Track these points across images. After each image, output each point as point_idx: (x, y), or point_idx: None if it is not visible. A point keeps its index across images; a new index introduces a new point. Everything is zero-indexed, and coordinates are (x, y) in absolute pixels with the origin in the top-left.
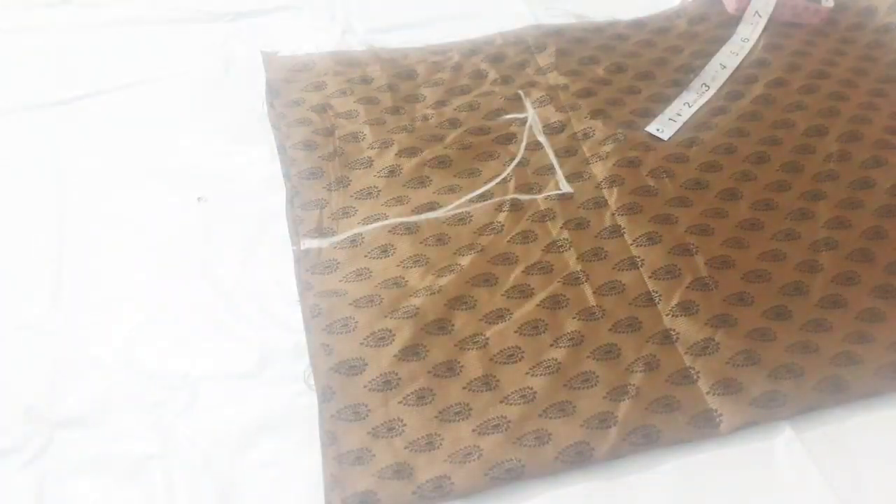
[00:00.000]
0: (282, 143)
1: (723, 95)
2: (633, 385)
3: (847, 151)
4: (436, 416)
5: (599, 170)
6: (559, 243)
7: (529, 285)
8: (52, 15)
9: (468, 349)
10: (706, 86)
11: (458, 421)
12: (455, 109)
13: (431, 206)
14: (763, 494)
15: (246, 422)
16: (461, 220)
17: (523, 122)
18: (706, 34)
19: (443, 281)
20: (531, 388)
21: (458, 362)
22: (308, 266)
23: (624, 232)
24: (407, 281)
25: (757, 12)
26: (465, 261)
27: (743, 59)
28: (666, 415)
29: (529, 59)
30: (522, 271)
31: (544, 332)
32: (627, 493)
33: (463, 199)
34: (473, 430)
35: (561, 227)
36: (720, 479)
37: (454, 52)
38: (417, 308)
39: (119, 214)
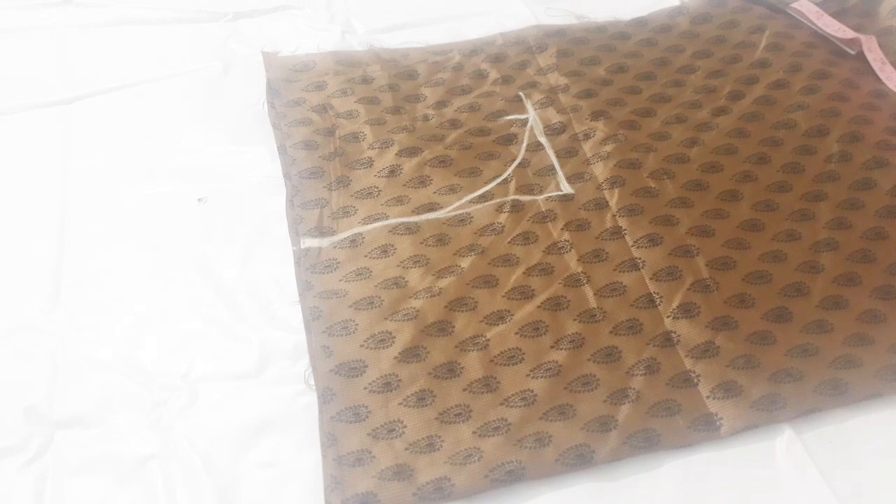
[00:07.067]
0: (282, 142)
1: (724, 96)
2: (634, 389)
3: (848, 152)
4: (436, 418)
5: (600, 170)
6: (560, 244)
7: (530, 286)
8: (52, 15)
9: (469, 351)
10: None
11: (459, 423)
12: (456, 110)
13: (432, 207)
14: (763, 494)
15: (246, 422)
16: (462, 220)
17: (524, 122)
18: (708, 34)
19: (443, 282)
20: (532, 391)
21: (459, 364)
22: (308, 265)
23: (625, 233)
24: (407, 281)
25: None
26: (465, 262)
27: (744, 60)
28: (666, 418)
29: (530, 59)
30: (523, 272)
31: (545, 333)
32: (628, 493)
33: (464, 200)
34: (474, 432)
35: (562, 229)
36: (720, 479)
37: (455, 52)
38: (417, 310)
39: (119, 214)
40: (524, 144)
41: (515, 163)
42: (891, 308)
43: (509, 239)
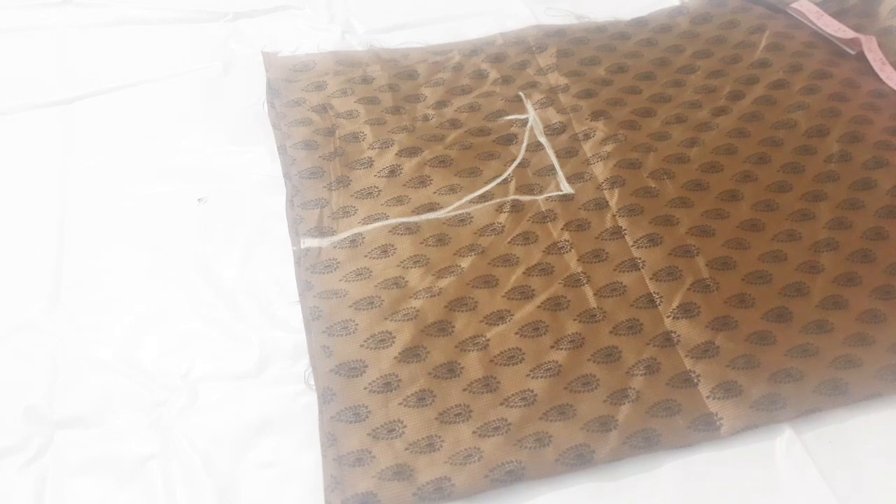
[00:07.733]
0: (282, 142)
1: (724, 96)
2: (634, 389)
3: (848, 152)
4: (436, 418)
5: (600, 170)
6: (560, 244)
7: (530, 286)
8: (52, 15)
9: (469, 351)
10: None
11: (459, 423)
12: (456, 110)
13: (432, 207)
14: (763, 494)
15: (246, 422)
16: (462, 220)
17: (524, 122)
18: (708, 34)
19: (443, 282)
20: (532, 391)
21: (459, 364)
22: (308, 265)
23: (625, 233)
24: (407, 281)
25: None
26: (465, 262)
27: (744, 60)
28: (666, 418)
29: (530, 59)
30: (523, 272)
31: (545, 333)
32: (628, 493)
33: (464, 200)
34: (474, 432)
35: (562, 229)
36: (720, 480)
37: (455, 52)
38: (417, 310)
39: (119, 214)
40: (524, 144)
41: (515, 163)
42: (891, 308)
43: (509, 239)
